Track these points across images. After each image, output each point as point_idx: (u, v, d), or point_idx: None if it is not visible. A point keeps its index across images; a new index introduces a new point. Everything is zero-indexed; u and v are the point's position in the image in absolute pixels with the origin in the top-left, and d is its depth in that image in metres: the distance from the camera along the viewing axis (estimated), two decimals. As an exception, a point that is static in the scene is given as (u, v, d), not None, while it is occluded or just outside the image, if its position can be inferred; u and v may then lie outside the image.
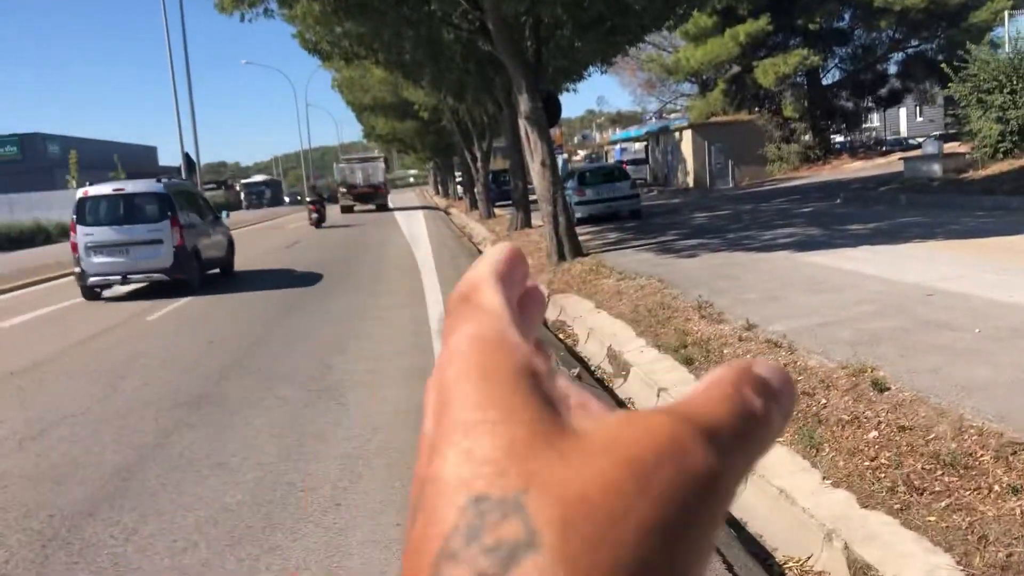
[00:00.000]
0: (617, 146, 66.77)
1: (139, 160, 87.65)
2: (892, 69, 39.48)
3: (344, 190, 46.46)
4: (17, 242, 46.95)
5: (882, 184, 22.19)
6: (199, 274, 14.31)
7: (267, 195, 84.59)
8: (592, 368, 8.66)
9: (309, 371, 7.65)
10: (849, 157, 37.08)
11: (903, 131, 59.68)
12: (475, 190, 36.58)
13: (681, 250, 13.46)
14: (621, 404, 7.17)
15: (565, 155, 68.41)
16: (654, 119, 55.09)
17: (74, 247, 13.93)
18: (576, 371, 7.17)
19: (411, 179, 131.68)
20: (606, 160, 58.41)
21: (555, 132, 73.17)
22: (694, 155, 37.23)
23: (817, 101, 37.37)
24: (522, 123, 14.31)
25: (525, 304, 0.38)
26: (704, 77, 40.09)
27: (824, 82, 38.82)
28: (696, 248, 13.52)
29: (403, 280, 14.35)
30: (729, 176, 36.99)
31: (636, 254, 13.79)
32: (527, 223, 22.36)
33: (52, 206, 58.35)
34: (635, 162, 47.14)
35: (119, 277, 13.78)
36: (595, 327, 9.73)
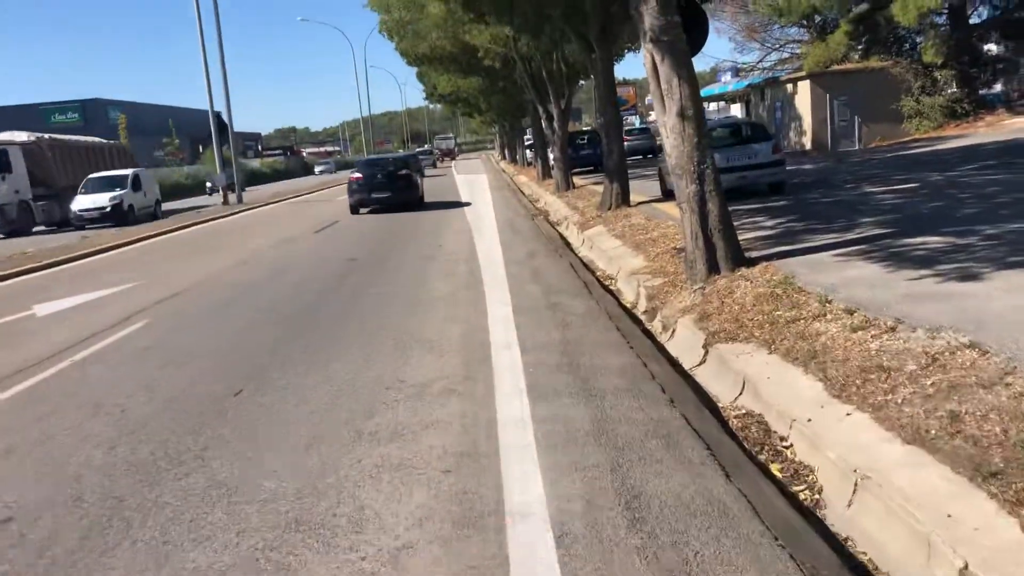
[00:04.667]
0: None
1: (202, 125, 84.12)
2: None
3: (438, 152, 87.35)
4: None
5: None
6: None
7: None
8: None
9: None
10: (1007, 112, 30.33)
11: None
12: (549, 155, 31.11)
13: (929, 259, 7.79)
14: None
15: (637, 118, 62.14)
16: (731, 76, 48.33)
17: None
18: None
19: (459, 146, 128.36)
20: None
21: (628, 91, 66.49)
22: (813, 111, 30.92)
23: (964, 44, 30.60)
24: (647, 50, 8.73)
25: None
26: (820, 18, 33.60)
27: (971, 21, 32.00)
28: (957, 255, 7.82)
29: (455, 307, 8.98)
30: (856, 135, 30.68)
31: (844, 264, 8.16)
32: (624, 199, 16.76)
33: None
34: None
35: None
36: (868, 467, 4.26)
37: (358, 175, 24.58)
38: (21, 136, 31.18)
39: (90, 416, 5.82)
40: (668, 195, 17.10)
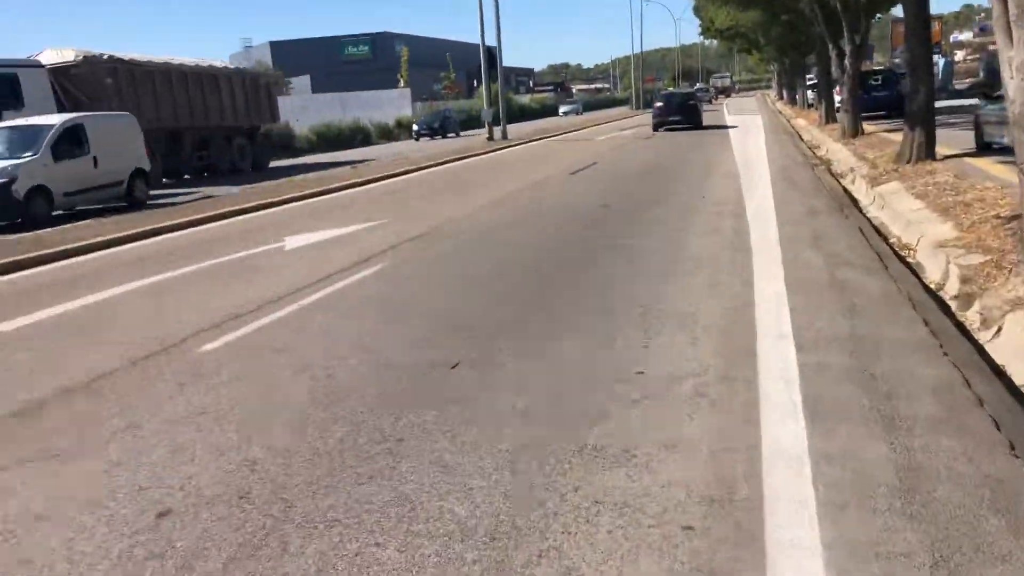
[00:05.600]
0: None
1: (478, 60, 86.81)
2: None
3: (713, 90, 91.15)
4: (335, 143, 46.14)
5: None
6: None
7: None
8: None
9: None
10: None
11: None
12: (835, 97, 28.04)
13: None
14: None
15: (940, 56, 55.11)
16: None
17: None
18: None
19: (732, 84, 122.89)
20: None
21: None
22: None
23: None
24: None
25: None
26: None
27: None
28: None
29: (715, 274, 7.64)
30: None
31: None
32: (928, 151, 14.28)
33: (381, 105, 57.85)
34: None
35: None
36: None
37: (660, 104, 35.12)
38: (59, 54, 22.01)
39: (294, 380, 5.27)
40: (985, 149, 14.42)
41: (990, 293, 6.54)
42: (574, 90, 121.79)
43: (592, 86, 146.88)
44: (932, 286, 7.44)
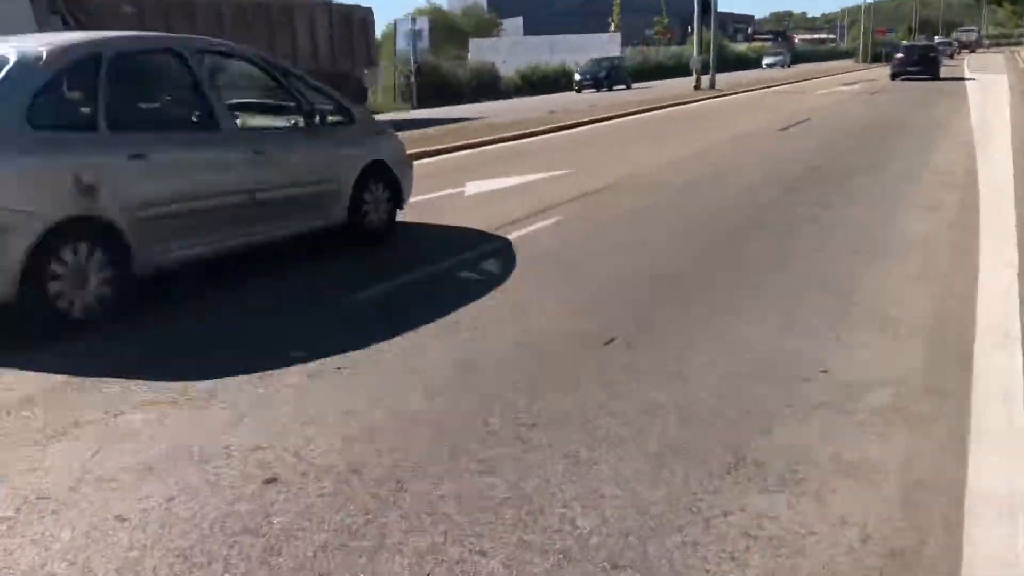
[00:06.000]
0: None
1: (692, 4, 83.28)
2: None
3: (956, 44, 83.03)
4: (536, 87, 46.03)
5: None
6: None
7: None
8: None
9: None
10: None
11: None
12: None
13: None
14: None
15: None
16: None
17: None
18: None
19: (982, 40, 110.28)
20: None
21: None
22: None
23: None
24: None
25: None
26: None
27: None
28: None
29: (931, 259, 6.58)
30: None
31: None
32: None
33: (590, 49, 56.97)
34: None
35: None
36: None
37: (900, 55, 38.32)
38: None
39: (439, 338, 4.96)
40: None
41: None
42: (796, 40, 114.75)
43: (815, 36, 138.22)
44: None
